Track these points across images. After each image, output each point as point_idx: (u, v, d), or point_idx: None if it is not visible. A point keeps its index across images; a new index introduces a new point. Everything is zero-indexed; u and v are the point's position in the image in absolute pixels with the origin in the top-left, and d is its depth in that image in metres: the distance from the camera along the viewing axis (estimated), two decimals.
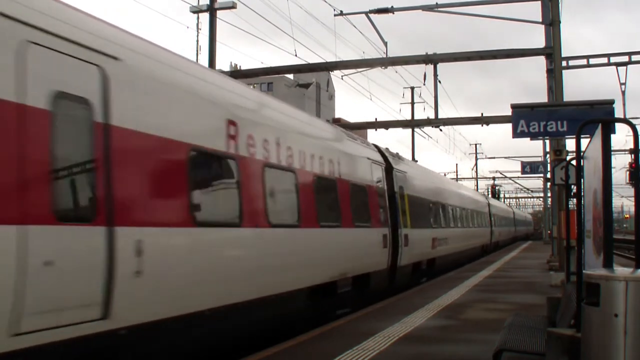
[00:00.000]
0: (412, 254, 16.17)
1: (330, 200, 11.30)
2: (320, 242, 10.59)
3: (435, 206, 20.79)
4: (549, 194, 36.69)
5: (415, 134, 42.08)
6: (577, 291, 5.44)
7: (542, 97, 29.39)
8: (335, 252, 11.18)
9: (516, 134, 14.30)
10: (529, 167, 41.47)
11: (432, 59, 20.73)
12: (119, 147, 5.89)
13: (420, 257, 17.66)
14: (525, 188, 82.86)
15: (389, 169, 15.47)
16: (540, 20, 18.82)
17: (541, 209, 79.52)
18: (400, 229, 15.24)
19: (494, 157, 79.67)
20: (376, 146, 15.70)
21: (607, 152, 5.16)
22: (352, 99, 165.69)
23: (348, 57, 25.02)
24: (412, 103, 44.35)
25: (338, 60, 22.19)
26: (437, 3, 19.89)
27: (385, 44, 21.93)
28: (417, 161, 35.83)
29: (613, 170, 13.94)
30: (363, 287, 12.56)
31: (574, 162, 8.03)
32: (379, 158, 14.94)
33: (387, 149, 16.79)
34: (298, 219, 9.71)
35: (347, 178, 12.11)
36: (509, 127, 15.18)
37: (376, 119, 25.15)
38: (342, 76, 23.68)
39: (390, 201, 14.91)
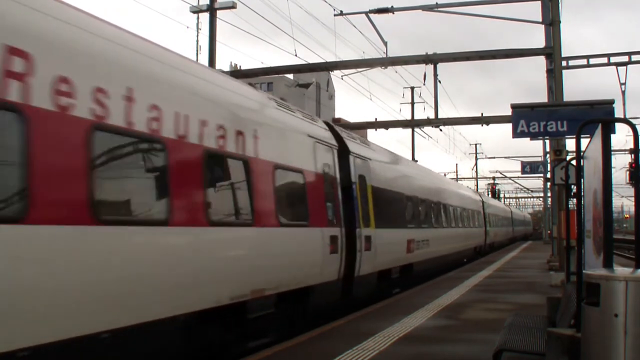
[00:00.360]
0: (377, 260, 13.27)
1: (234, 187, 8.14)
2: (209, 247, 7.35)
3: (413, 202, 17.54)
4: (549, 194, 36.69)
5: (415, 134, 42.12)
6: (577, 291, 5.45)
7: (542, 97, 29.42)
8: (240, 262, 7.99)
9: (516, 134, 14.31)
10: (529, 167, 41.51)
11: (432, 59, 20.73)
12: None
13: (390, 264, 14.63)
14: (525, 188, 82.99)
15: (343, 153, 12.25)
16: (540, 20, 18.83)
17: (541, 209, 79.55)
18: (359, 229, 12.25)
19: (494, 157, 80.00)
20: (329, 124, 12.61)
21: (607, 152, 5.16)
22: (352, 99, 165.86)
23: (348, 57, 25.07)
24: (412, 103, 44.37)
25: (338, 60, 22.21)
26: (437, 3, 19.90)
27: (385, 44, 21.95)
28: (417, 161, 35.77)
29: (613, 170, 13.92)
30: (298, 305, 9.87)
31: (574, 162, 8.03)
32: (328, 138, 11.60)
33: (342, 129, 13.73)
34: (166, 214, 6.52)
35: (270, 159, 8.89)
36: (509, 127, 15.20)
37: (376, 119, 25.19)
38: (342, 76, 23.72)
39: (345, 194, 11.85)
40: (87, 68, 5.81)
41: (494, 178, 72.45)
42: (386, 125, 24.44)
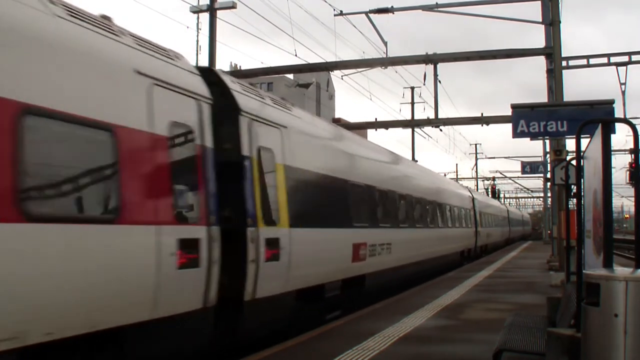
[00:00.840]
0: (293, 274, 9.31)
1: None
2: None
3: (365, 193, 13.33)
4: (549, 194, 36.67)
5: (415, 134, 42.13)
6: (577, 291, 5.45)
7: (542, 97, 29.42)
8: None
9: (516, 134, 14.31)
10: (529, 167, 41.51)
11: (432, 59, 20.74)
12: None
13: (322, 278, 10.69)
14: (525, 188, 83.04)
15: (229, 113, 8.33)
16: (540, 20, 18.84)
17: (541, 209, 79.55)
18: (255, 228, 8.34)
19: (494, 157, 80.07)
20: (208, 70, 9.24)
21: (607, 152, 5.16)
22: (352, 99, 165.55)
23: (348, 57, 25.07)
24: (412, 103, 44.36)
25: (338, 60, 22.21)
26: (437, 3, 19.90)
27: (385, 44, 21.96)
28: (417, 161, 35.66)
29: (613, 170, 13.92)
30: None
31: (574, 162, 8.04)
32: (190, 85, 7.51)
33: (238, 81, 9.39)
34: None
35: (10, 95, 5.02)
36: (509, 127, 15.19)
37: (376, 119, 25.20)
38: (342, 76, 23.74)
39: (228, 173, 7.96)
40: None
41: (494, 178, 72.50)
42: (386, 125, 24.45)
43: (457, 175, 72.38)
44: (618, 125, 16.70)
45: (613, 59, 22.76)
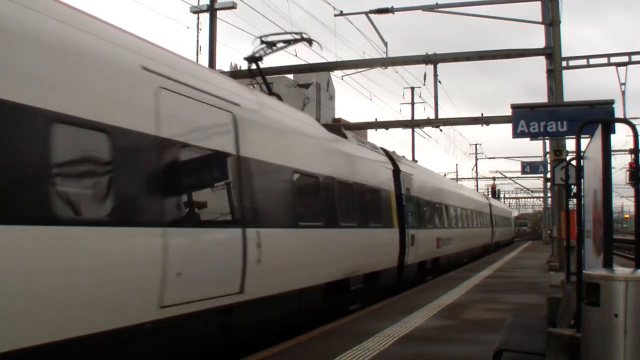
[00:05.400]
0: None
1: None
2: None
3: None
4: (549, 194, 36.65)
5: (415, 134, 42.14)
6: (577, 291, 5.45)
7: (542, 97, 29.39)
8: None
9: (516, 134, 14.31)
10: (529, 167, 41.54)
11: (432, 59, 20.72)
12: None
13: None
14: (525, 188, 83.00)
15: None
16: (540, 20, 18.83)
17: (541, 209, 79.40)
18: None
19: (494, 157, 80.00)
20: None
21: (607, 152, 5.16)
22: (352, 99, 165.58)
23: (348, 57, 25.08)
24: (412, 103, 44.41)
25: (338, 60, 22.20)
26: (437, 3, 19.90)
27: (385, 44, 21.95)
28: (417, 161, 35.61)
29: (613, 170, 13.93)
30: None
31: (574, 162, 8.04)
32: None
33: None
34: None
35: None
36: (509, 127, 15.20)
37: (376, 119, 25.17)
38: (342, 76, 23.74)
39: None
40: None
41: (494, 178, 72.48)
42: (386, 125, 24.42)
43: (457, 175, 72.39)
44: (618, 125, 16.71)
45: (613, 59, 22.75)
